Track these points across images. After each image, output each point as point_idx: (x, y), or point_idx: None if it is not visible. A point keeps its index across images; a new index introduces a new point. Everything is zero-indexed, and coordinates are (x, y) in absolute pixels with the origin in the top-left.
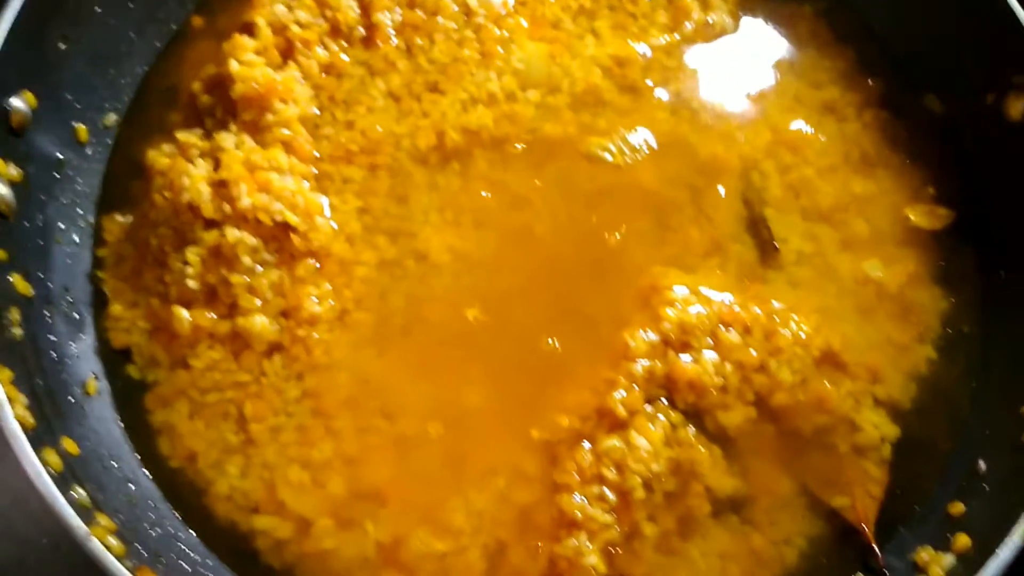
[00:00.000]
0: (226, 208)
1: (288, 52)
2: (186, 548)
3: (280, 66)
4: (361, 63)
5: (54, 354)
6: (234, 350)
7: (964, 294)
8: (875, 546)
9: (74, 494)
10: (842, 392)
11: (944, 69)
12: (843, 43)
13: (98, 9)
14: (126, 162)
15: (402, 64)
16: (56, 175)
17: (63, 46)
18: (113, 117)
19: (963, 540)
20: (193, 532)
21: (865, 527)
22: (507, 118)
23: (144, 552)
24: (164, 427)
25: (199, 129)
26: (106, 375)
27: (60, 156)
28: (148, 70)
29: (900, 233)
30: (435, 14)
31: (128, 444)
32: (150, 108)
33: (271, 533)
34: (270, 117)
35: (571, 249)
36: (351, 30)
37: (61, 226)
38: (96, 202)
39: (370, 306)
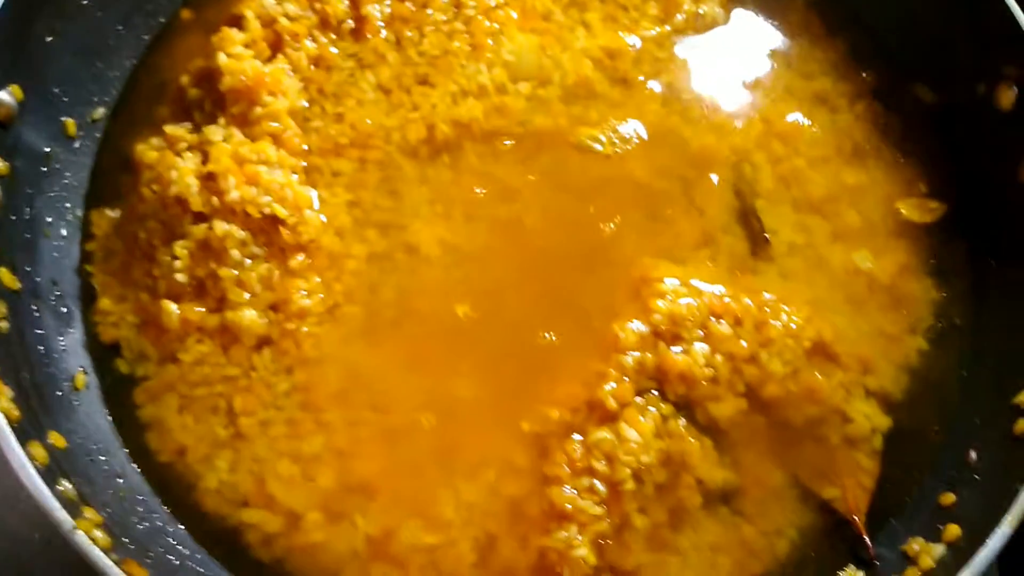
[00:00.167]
0: (214, 201)
1: (277, 45)
2: (175, 542)
3: (269, 59)
4: (350, 56)
5: (42, 348)
6: (223, 344)
7: (955, 285)
8: (866, 537)
9: (60, 487)
10: (833, 383)
11: (936, 60)
12: (835, 34)
13: (85, 2)
14: (114, 156)
15: (392, 57)
16: (43, 169)
17: (49, 39)
18: (101, 111)
19: (953, 530)
20: (182, 526)
21: (856, 518)
22: (497, 111)
23: (132, 546)
24: (153, 421)
25: (188, 123)
26: (95, 369)
27: (47, 150)
28: (136, 63)
29: (892, 224)
30: (425, 6)
31: (117, 438)
32: (138, 102)
33: (260, 527)
34: (259, 110)
35: (562, 241)
36: (340, 23)
37: (49, 220)
38: (84, 196)
39: (360, 299)
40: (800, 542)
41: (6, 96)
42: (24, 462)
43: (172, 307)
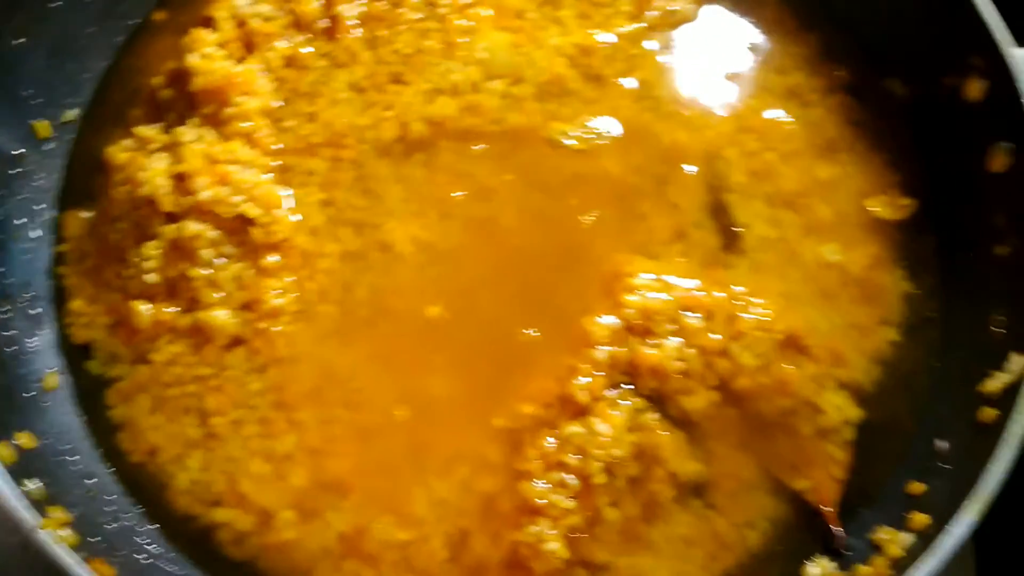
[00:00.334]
0: (185, 202)
1: (250, 45)
2: (145, 541)
3: (242, 59)
4: (324, 55)
5: (12, 349)
6: (195, 344)
7: (927, 277)
8: (837, 527)
9: (26, 487)
10: (805, 375)
11: (907, 53)
12: (807, 30)
13: (55, 4)
14: (87, 158)
15: (365, 56)
16: (15, 171)
17: (20, 42)
18: (73, 113)
19: (921, 519)
20: (153, 526)
21: (827, 509)
22: (471, 109)
23: (102, 544)
24: (125, 422)
25: (160, 124)
26: (67, 370)
27: (19, 152)
28: (109, 65)
29: (863, 218)
30: (398, 5)
31: (88, 439)
32: (111, 103)
33: (232, 525)
34: (230, 110)
35: (536, 238)
36: (313, 22)
37: (20, 222)
38: (56, 198)
39: (334, 298)
40: (772, 533)
41: None
42: None
43: (143, 308)
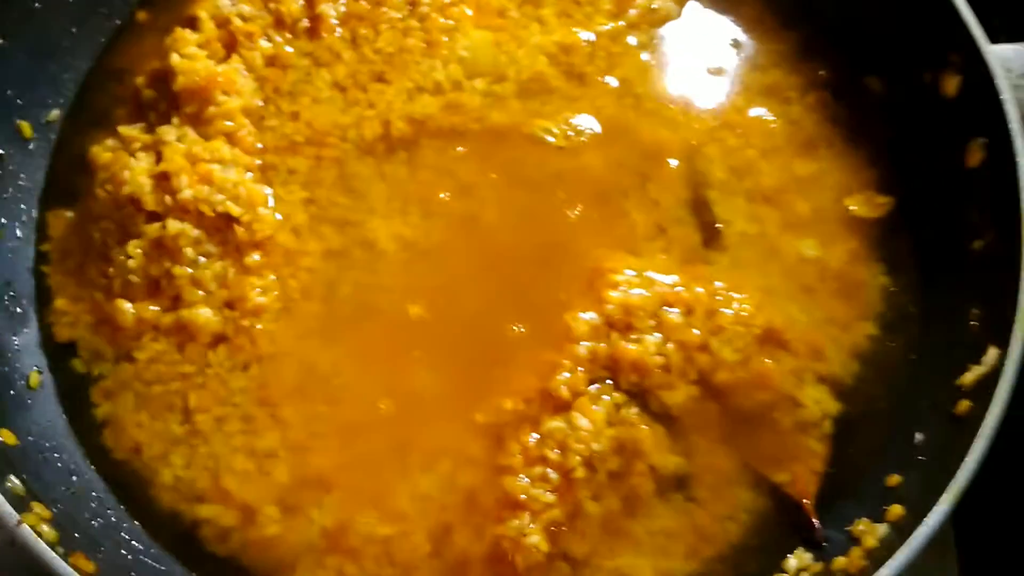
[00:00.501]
0: (167, 200)
1: (232, 45)
2: (129, 537)
3: (224, 59)
4: (306, 54)
5: None
6: (178, 342)
7: (905, 272)
8: (815, 520)
9: (8, 483)
10: (784, 369)
11: (885, 49)
12: (787, 27)
13: (36, 4)
14: (70, 157)
15: (347, 55)
16: None
17: (1, 42)
18: (56, 112)
19: (897, 510)
20: (137, 522)
21: (806, 501)
22: (453, 107)
23: (83, 540)
24: (109, 419)
25: (142, 123)
26: (50, 368)
27: (1, 152)
28: (91, 65)
29: (842, 214)
30: (379, 4)
31: (72, 436)
32: (94, 103)
33: (216, 521)
34: (212, 109)
35: (518, 235)
36: (295, 22)
37: (3, 221)
38: (40, 197)
39: (316, 296)
40: (752, 526)
41: None
42: None
43: (127, 306)
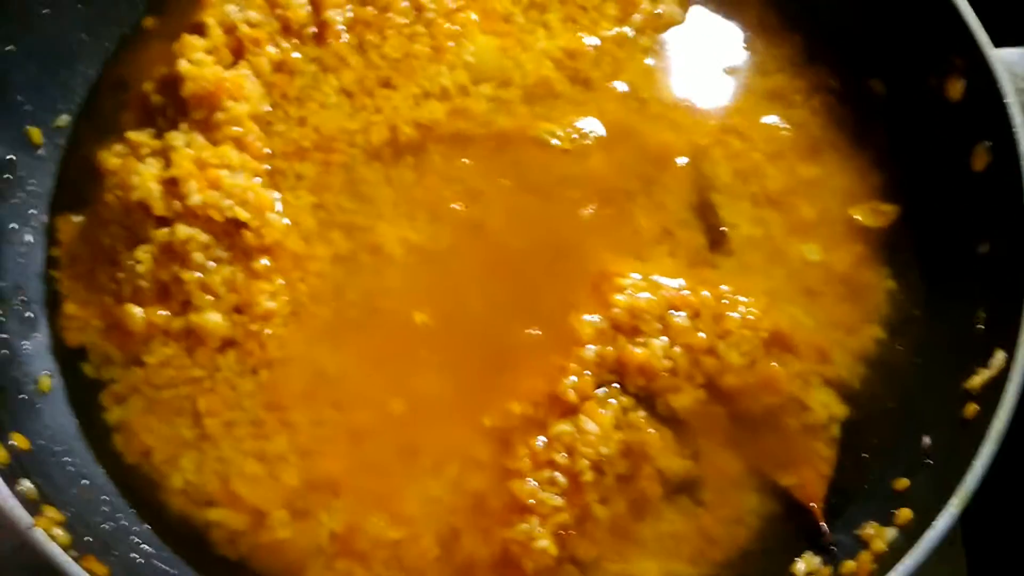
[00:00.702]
0: (176, 206)
1: (239, 51)
2: (140, 541)
3: (231, 65)
4: (313, 60)
5: (6, 352)
6: (188, 346)
7: (911, 274)
8: (823, 524)
9: (21, 487)
10: (791, 373)
11: (889, 53)
12: (791, 30)
13: (45, 11)
14: (79, 162)
15: (354, 60)
16: (8, 176)
17: (11, 48)
18: (65, 118)
19: (906, 514)
20: (147, 525)
21: (814, 505)
22: (460, 112)
23: (95, 544)
24: (119, 424)
25: (151, 129)
26: (61, 373)
27: (12, 157)
28: (101, 71)
29: (847, 217)
30: (386, 10)
31: (83, 441)
32: (103, 109)
33: (225, 525)
34: (220, 115)
35: (524, 239)
36: (302, 28)
37: (14, 226)
38: (49, 202)
39: (325, 300)
40: (760, 530)
41: None
42: None
43: (136, 311)
